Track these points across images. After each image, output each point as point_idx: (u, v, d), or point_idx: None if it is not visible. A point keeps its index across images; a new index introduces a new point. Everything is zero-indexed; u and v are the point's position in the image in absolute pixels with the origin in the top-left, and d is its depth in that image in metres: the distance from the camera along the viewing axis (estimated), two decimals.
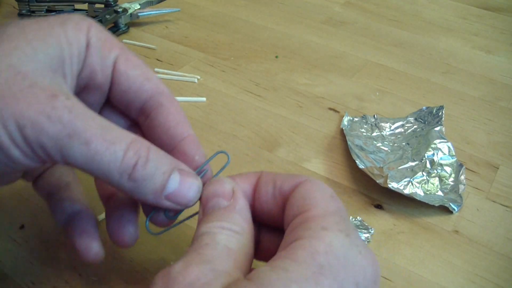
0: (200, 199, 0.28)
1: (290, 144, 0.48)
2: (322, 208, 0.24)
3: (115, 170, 0.25)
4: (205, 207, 0.27)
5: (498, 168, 0.47)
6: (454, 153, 0.44)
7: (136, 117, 0.31)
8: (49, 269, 0.35)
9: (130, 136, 0.26)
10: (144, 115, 0.30)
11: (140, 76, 0.30)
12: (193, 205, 0.28)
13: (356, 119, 0.51)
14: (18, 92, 0.23)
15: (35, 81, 0.24)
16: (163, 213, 0.29)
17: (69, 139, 0.24)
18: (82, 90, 0.30)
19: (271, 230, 0.29)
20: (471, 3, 0.81)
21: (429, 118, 0.50)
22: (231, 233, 0.25)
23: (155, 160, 0.26)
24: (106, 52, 0.29)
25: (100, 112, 0.32)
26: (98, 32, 0.29)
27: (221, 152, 0.30)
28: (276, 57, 0.62)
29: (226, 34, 0.67)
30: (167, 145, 0.30)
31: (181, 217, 0.30)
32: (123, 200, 0.31)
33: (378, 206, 0.42)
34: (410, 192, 0.41)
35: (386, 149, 0.46)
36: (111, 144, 0.25)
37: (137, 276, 0.35)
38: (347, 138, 0.47)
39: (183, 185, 0.27)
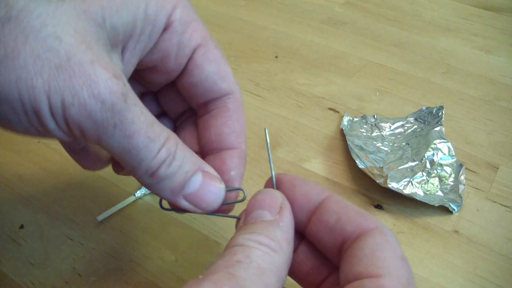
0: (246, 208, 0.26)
1: (290, 144, 0.48)
2: (397, 278, 0.21)
3: (144, 167, 0.24)
4: (248, 216, 0.25)
5: (498, 168, 0.47)
6: (454, 153, 0.44)
7: (196, 107, 0.30)
8: (49, 269, 0.35)
9: (167, 132, 0.25)
10: (205, 109, 0.29)
11: (216, 74, 0.28)
12: (211, 211, 0.27)
13: (356, 119, 0.51)
14: (76, 66, 0.21)
15: (98, 56, 0.22)
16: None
17: (113, 128, 0.22)
18: (148, 69, 0.28)
19: (313, 249, 0.27)
20: (471, 3, 0.81)
21: (429, 118, 0.50)
22: (267, 250, 0.22)
23: (181, 158, 0.25)
24: (187, 39, 0.27)
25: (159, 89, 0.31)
26: (184, 14, 0.27)
27: (239, 189, 0.28)
28: (276, 57, 0.62)
29: (226, 34, 0.67)
30: (213, 148, 0.29)
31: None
32: None
33: (378, 206, 0.42)
34: (410, 192, 0.41)
35: (386, 149, 0.46)
36: (150, 142, 0.24)
37: (137, 276, 0.35)
38: (347, 138, 0.47)
39: (204, 187, 0.26)
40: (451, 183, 0.43)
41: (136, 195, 0.40)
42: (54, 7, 0.21)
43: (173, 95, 0.31)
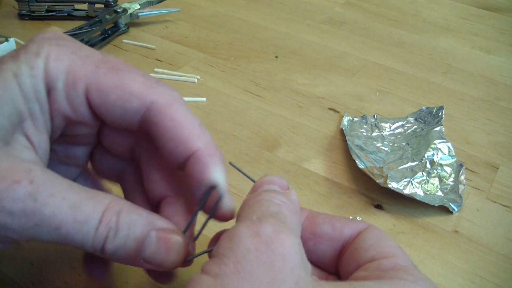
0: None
1: (290, 144, 0.48)
2: (406, 258, 0.24)
3: (89, 248, 0.23)
4: (257, 189, 0.25)
5: (498, 168, 0.47)
6: (454, 153, 0.44)
7: (138, 140, 0.28)
8: (49, 269, 0.35)
9: (102, 205, 0.23)
10: (146, 131, 0.26)
11: (119, 90, 0.25)
12: (176, 266, 0.26)
13: (356, 119, 0.51)
14: None
15: None
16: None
17: (37, 227, 0.22)
18: (65, 133, 0.27)
19: None
20: (471, 3, 0.81)
21: (429, 118, 0.50)
22: (292, 209, 0.24)
23: (125, 226, 0.24)
24: (71, 90, 0.25)
25: (100, 140, 0.29)
26: (57, 63, 0.25)
27: (214, 187, 0.25)
28: (276, 57, 0.62)
29: (226, 34, 0.67)
30: (176, 165, 0.26)
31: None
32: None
33: (378, 206, 0.42)
34: (410, 192, 0.41)
35: (386, 149, 0.46)
36: (83, 225, 0.23)
37: (137, 276, 0.35)
38: (347, 138, 0.47)
39: (161, 246, 0.24)
40: (451, 183, 0.43)
41: None
42: None
43: (117, 136, 0.29)
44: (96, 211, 0.23)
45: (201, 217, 0.27)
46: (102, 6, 0.66)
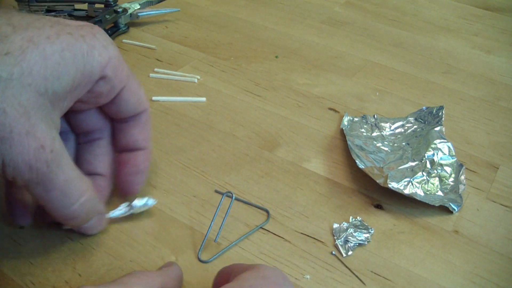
0: None
1: (290, 144, 0.48)
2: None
3: (59, 215, 0.32)
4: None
5: (498, 168, 0.47)
6: (454, 153, 0.44)
7: (116, 120, 0.37)
8: (49, 269, 0.35)
9: (83, 188, 0.32)
10: (123, 120, 0.37)
11: (136, 102, 0.36)
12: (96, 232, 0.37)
13: (356, 119, 0.51)
14: (16, 136, 0.27)
15: (34, 126, 0.28)
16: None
17: (36, 185, 0.29)
18: (78, 102, 0.33)
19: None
20: (471, 3, 0.81)
21: (429, 118, 0.50)
22: None
23: (89, 211, 0.34)
24: (118, 83, 0.33)
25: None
26: (115, 60, 0.32)
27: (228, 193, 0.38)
28: (276, 57, 0.62)
29: (226, 34, 0.67)
30: (129, 148, 0.37)
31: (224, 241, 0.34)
32: None
33: (378, 206, 0.42)
34: (410, 192, 0.41)
35: (386, 149, 0.46)
36: (65, 197, 0.31)
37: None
38: (347, 138, 0.47)
39: (92, 224, 0.35)
40: (451, 183, 0.43)
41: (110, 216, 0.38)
42: (4, 85, 0.26)
43: (89, 116, 0.37)
44: (79, 191, 0.32)
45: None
46: (102, 6, 0.66)
